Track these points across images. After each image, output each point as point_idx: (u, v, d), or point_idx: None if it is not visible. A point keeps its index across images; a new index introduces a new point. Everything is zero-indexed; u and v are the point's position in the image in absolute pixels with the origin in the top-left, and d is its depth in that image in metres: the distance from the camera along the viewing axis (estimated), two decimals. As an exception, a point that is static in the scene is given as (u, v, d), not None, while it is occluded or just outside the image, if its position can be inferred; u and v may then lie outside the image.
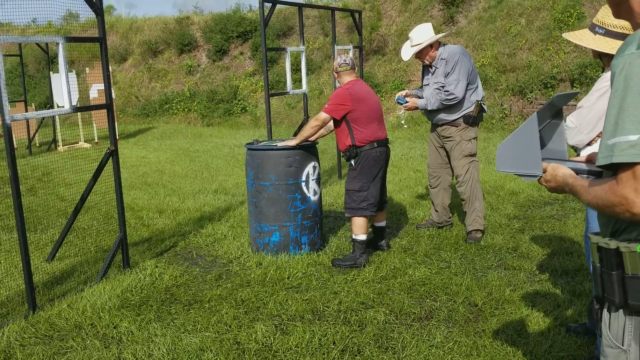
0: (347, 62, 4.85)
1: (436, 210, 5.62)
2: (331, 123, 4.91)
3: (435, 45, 5.23)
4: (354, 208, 4.78)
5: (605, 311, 1.64)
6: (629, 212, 1.43)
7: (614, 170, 1.47)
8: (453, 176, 5.52)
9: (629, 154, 1.39)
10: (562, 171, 1.71)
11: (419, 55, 5.26)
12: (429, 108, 5.21)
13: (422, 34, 5.20)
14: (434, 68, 5.27)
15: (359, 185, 4.76)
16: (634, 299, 1.53)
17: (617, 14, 1.63)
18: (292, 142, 4.94)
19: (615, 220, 1.57)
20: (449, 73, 5.10)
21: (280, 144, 4.98)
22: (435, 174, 5.56)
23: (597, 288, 1.64)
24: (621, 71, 1.43)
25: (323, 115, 4.76)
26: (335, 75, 4.95)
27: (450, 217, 5.67)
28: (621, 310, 1.58)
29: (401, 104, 5.36)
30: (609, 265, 1.57)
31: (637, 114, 1.39)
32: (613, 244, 1.55)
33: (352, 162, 4.80)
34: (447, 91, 5.07)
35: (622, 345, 1.59)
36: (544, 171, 1.80)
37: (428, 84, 5.34)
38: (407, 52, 5.32)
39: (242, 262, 4.95)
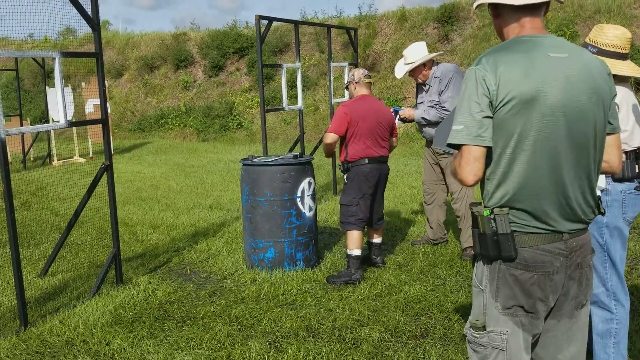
0: (367, 73, 4.98)
1: (431, 227, 5.61)
2: None
3: (428, 64, 5.27)
4: (342, 222, 4.86)
5: (476, 261, 2.08)
6: (458, 178, 1.96)
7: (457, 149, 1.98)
8: (448, 193, 5.53)
9: (454, 138, 1.94)
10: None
11: (412, 73, 5.30)
12: (426, 117, 5.22)
13: (416, 52, 5.24)
14: (427, 86, 5.30)
15: (348, 199, 4.80)
16: (484, 250, 1.98)
17: (502, 41, 2.08)
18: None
19: (482, 193, 2.03)
20: (442, 91, 5.14)
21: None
22: (430, 190, 5.56)
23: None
24: (465, 80, 1.97)
25: (330, 135, 4.82)
26: (354, 85, 4.96)
27: (445, 234, 5.66)
28: (482, 260, 2.03)
29: (397, 111, 5.41)
30: (473, 225, 2.02)
31: (465, 111, 1.93)
32: (473, 210, 2.00)
33: (345, 176, 4.86)
34: (443, 107, 5.11)
35: (481, 286, 2.04)
36: None
37: (422, 102, 5.37)
38: (400, 69, 5.36)
39: (236, 278, 4.92)
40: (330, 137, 4.83)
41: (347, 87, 5.14)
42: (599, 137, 2.00)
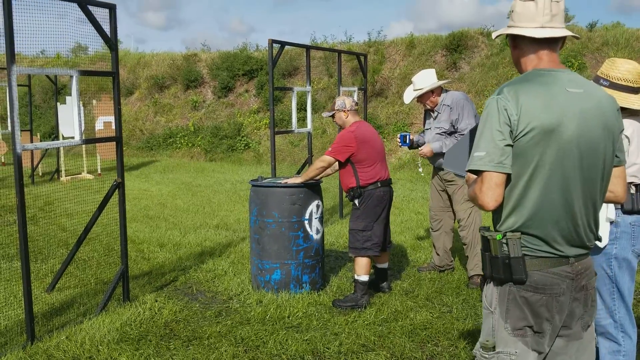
0: (357, 101, 5.05)
1: (438, 254, 5.62)
2: (336, 163, 4.97)
3: (437, 91, 5.33)
4: (357, 248, 4.79)
5: (485, 284, 2.15)
6: (478, 203, 2.02)
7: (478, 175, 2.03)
8: (455, 220, 5.54)
9: (476, 164, 2.00)
10: (471, 175, 2.12)
11: (421, 99, 5.36)
12: (444, 151, 5.25)
13: (425, 79, 5.32)
14: (435, 113, 5.36)
15: (363, 224, 4.78)
16: (495, 273, 2.07)
17: (519, 71, 2.18)
18: (298, 180, 4.98)
19: (494, 217, 2.11)
20: (457, 119, 5.18)
21: (286, 181, 5.02)
22: (437, 217, 5.58)
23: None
24: (486, 108, 2.05)
25: (328, 158, 4.83)
26: (344, 113, 4.96)
27: (451, 261, 5.66)
28: (492, 282, 2.11)
29: (405, 136, 5.45)
30: (484, 249, 2.11)
31: (487, 138, 2.00)
32: (486, 234, 2.08)
33: (356, 202, 4.83)
34: (463, 135, 5.15)
35: (491, 308, 2.11)
36: None
37: (430, 128, 5.43)
38: (409, 95, 5.44)
39: (242, 299, 4.92)
40: (328, 161, 4.81)
41: (332, 116, 5.02)
42: (607, 169, 2.10)
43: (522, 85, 2.02)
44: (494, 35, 2.26)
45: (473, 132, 2.34)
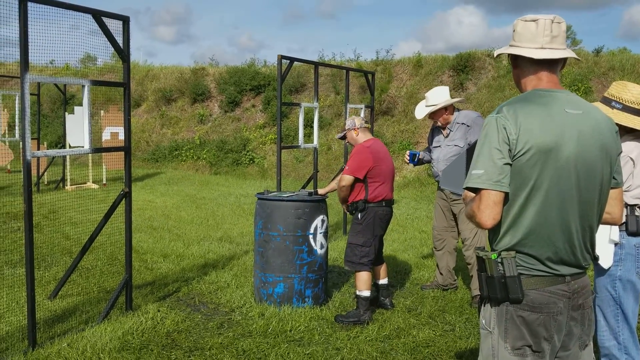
0: (366, 119, 5.10)
1: (441, 273, 5.60)
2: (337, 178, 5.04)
3: (450, 108, 5.36)
4: (354, 262, 4.82)
5: (482, 305, 2.15)
6: (475, 221, 2.02)
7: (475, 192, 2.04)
8: (459, 239, 5.54)
9: (475, 182, 2.01)
10: (468, 193, 2.12)
11: (433, 115, 5.37)
12: None
13: (439, 95, 5.34)
14: (448, 131, 5.38)
15: (363, 240, 4.81)
16: (492, 293, 2.06)
17: (520, 90, 2.20)
18: (322, 191, 5.25)
19: (490, 235, 2.11)
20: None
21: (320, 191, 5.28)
22: (441, 236, 5.57)
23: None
24: (484, 127, 2.05)
25: (348, 177, 4.78)
26: (355, 132, 4.99)
27: (455, 280, 5.65)
28: (489, 303, 2.10)
29: (414, 154, 5.48)
30: (480, 269, 2.11)
31: (485, 156, 2.00)
32: (481, 254, 2.08)
33: (359, 215, 4.84)
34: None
35: (489, 328, 2.11)
36: None
37: (439, 146, 5.43)
38: (421, 111, 5.44)
39: (244, 311, 4.92)
40: (347, 180, 4.77)
41: (343, 137, 5.08)
42: (604, 191, 2.11)
43: (522, 105, 2.03)
44: (495, 53, 2.28)
45: (469, 150, 2.36)
